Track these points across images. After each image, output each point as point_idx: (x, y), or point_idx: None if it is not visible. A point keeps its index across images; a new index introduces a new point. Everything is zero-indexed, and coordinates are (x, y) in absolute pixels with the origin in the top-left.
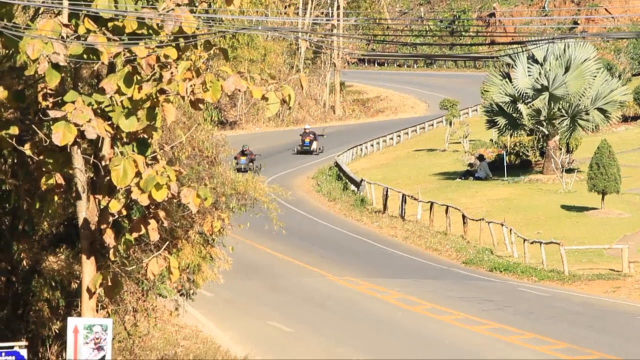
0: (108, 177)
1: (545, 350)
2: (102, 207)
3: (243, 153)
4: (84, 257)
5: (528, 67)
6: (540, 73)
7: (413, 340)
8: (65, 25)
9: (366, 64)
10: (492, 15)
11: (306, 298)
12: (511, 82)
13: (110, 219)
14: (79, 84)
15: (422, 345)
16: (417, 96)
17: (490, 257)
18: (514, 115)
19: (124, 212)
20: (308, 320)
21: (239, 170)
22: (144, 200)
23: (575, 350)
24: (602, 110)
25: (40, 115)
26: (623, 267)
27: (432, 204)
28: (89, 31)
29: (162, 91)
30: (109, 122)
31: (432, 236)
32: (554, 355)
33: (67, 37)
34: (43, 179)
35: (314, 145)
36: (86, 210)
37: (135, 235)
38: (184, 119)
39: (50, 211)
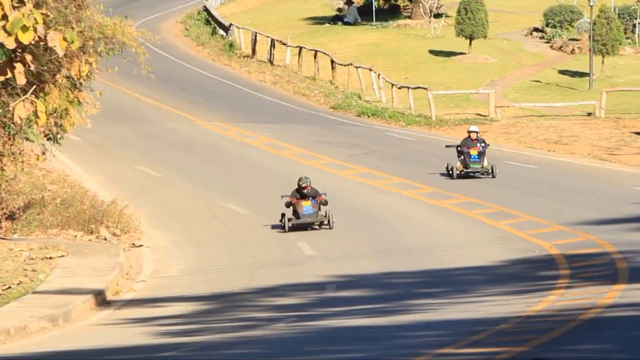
0: None
1: (412, 194)
2: None
3: (303, 194)
4: None
5: None
6: None
7: (281, 185)
8: None
9: None
10: None
11: (174, 143)
12: None
13: None
14: None
15: (290, 189)
16: None
17: (359, 102)
18: None
19: None
20: (176, 164)
21: (293, 228)
22: (10, 43)
23: (441, 194)
24: None
25: None
26: (490, 112)
27: (300, 48)
28: None
29: None
30: None
31: (300, 81)
32: (421, 199)
33: None
34: None
35: (485, 162)
36: None
37: (1, 79)
38: None
39: None
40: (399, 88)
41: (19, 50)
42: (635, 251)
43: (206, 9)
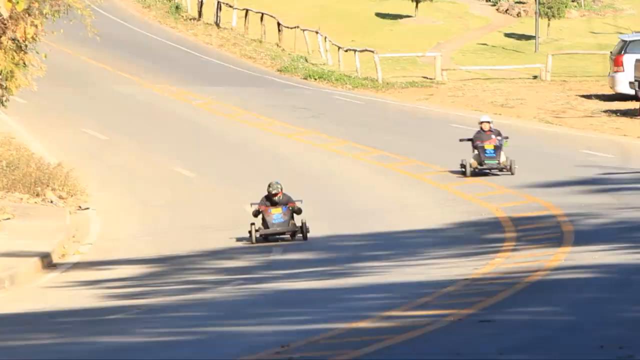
0: None
1: (358, 157)
2: None
3: (273, 201)
4: None
5: None
6: None
7: (228, 149)
8: None
9: None
10: None
11: (121, 106)
12: None
13: None
14: None
15: (237, 153)
16: None
17: (305, 65)
18: None
19: None
20: (123, 128)
21: (262, 239)
22: None
23: (388, 157)
24: None
25: None
26: (436, 75)
27: (247, 11)
28: None
29: None
30: None
31: (247, 44)
32: (368, 162)
33: None
34: None
35: (503, 157)
36: None
37: None
38: None
39: None
40: (346, 51)
41: None
42: (580, 214)
43: None
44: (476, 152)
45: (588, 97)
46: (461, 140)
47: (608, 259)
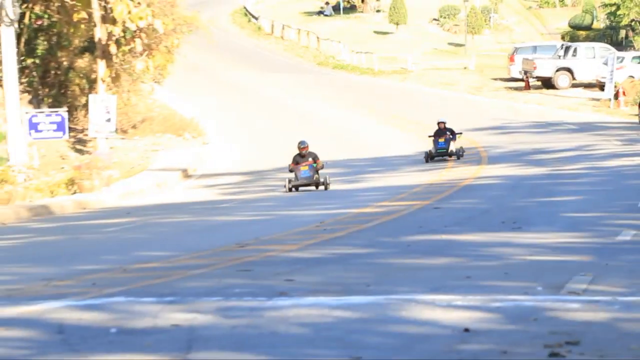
0: (112, 13)
1: (363, 114)
2: (109, 31)
3: (302, 154)
4: (98, 60)
5: None
6: None
7: (287, 109)
8: None
9: None
10: None
11: (227, 84)
12: None
13: (114, 37)
14: None
15: (292, 112)
16: None
17: (333, 61)
18: None
19: (122, 34)
20: (227, 97)
21: (294, 188)
22: (133, 27)
23: (382, 112)
24: None
25: None
26: (408, 66)
27: (299, 29)
28: None
29: None
30: None
31: (299, 48)
32: (369, 117)
33: None
34: (75, 14)
35: (452, 147)
36: (100, 32)
37: (128, 47)
38: None
39: (79, 33)
40: (357, 53)
41: (138, 30)
42: (491, 146)
43: (245, 7)
44: (433, 144)
45: (495, 79)
46: (430, 136)
47: (507, 172)
